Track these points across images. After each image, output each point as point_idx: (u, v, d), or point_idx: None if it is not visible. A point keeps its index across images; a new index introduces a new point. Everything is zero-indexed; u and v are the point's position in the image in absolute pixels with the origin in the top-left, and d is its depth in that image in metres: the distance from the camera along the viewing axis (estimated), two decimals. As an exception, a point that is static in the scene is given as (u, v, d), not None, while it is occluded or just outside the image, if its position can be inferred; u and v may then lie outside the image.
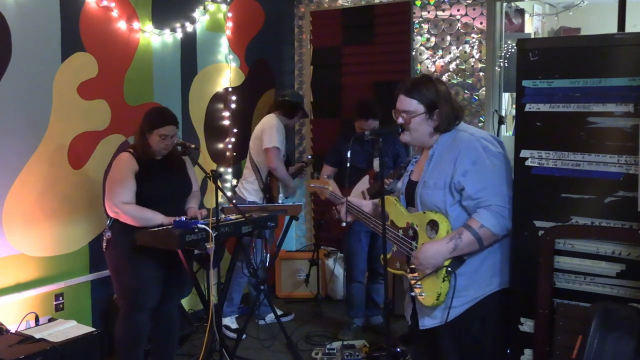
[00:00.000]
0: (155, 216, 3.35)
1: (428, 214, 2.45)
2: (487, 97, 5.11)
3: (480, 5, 5.07)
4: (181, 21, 4.66)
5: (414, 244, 2.49)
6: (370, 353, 4.06)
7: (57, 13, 3.79)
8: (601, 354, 2.17)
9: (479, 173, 2.39)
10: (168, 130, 3.38)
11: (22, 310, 3.54)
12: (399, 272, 2.58)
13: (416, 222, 2.49)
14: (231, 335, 4.44)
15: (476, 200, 2.38)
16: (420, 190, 2.49)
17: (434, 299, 2.40)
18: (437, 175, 2.45)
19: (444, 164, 2.45)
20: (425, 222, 2.46)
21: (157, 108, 3.61)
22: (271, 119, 4.63)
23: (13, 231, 3.59)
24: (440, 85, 2.52)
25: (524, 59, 2.50)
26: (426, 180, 2.47)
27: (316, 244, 5.38)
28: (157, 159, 3.47)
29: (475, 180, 2.38)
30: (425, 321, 2.50)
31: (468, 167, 2.39)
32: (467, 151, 2.42)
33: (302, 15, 5.92)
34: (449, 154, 2.46)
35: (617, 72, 2.34)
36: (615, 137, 2.35)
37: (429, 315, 2.48)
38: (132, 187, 3.35)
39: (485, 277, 2.46)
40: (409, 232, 2.51)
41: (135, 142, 3.49)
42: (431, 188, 2.45)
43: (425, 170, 2.50)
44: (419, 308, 2.51)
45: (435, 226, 2.42)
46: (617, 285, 2.36)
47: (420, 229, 2.47)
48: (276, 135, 4.49)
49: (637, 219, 2.30)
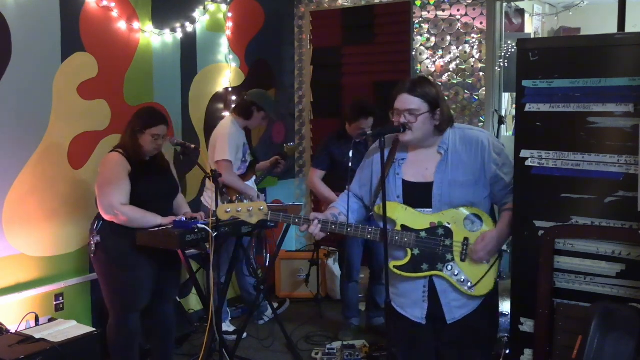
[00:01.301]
0: (155, 218, 3.34)
1: (463, 210, 2.52)
2: (487, 97, 5.11)
3: (480, 5, 5.07)
4: (181, 21, 4.66)
5: (447, 241, 2.51)
6: (370, 353, 4.06)
7: (57, 13, 3.79)
8: (601, 354, 2.17)
9: (507, 164, 2.56)
10: (160, 130, 3.36)
11: (22, 310, 3.54)
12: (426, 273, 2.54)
13: (447, 220, 2.51)
14: (230, 337, 4.43)
15: (510, 188, 2.54)
16: (446, 190, 2.50)
17: (490, 287, 2.56)
18: (464, 172, 2.51)
19: (465, 160, 2.52)
20: (462, 218, 2.52)
21: (148, 107, 3.58)
22: (224, 127, 4.36)
23: (13, 231, 3.59)
24: (437, 86, 2.61)
25: (524, 59, 2.50)
26: (453, 179, 2.50)
27: (316, 244, 5.37)
28: (145, 159, 3.44)
29: (507, 170, 2.55)
30: (455, 313, 2.55)
31: (498, 159, 2.54)
32: (491, 145, 2.54)
33: (302, 15, 5.92)
34: (465, 150, 2.53)
35: (617, 72, 2.34)
36: (615, 137, 2.35)
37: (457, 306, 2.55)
38: (126, 188, 3.31)
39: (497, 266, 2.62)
40: (437, 231, 2.51)
41: (123, 142, 3.41)
42: (462, 185, 2.50)
43: (444, 170, 2.52)
44: (448, 302, 2.54)
45: (477, 219, 2.52)
46: (617, 285, 2.36)
47: (455, 226, 2.51)
48: (227, 147, 4.21)
49: (637, 219, 2.30)
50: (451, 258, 2.51)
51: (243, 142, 4.42)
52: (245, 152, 4.44)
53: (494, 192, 2.56)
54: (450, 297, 2.54)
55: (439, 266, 2.52)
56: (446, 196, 2.50)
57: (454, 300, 2.54)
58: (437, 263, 2.52)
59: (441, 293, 2.53)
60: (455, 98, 5.21)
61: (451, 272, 2.52)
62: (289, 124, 5.98)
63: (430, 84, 2.54)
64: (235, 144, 4.29)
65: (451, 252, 2.51)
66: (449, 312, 2.54)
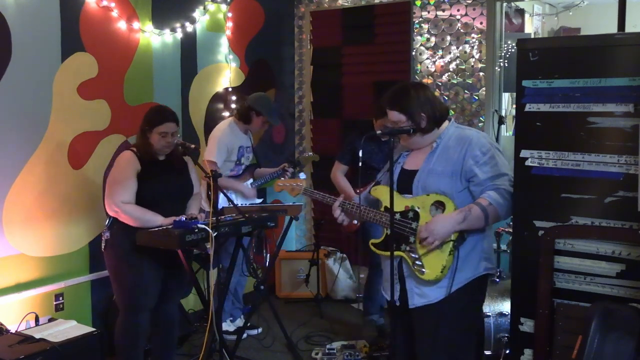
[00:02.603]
0: (155, 217, 3.34)
1: (432, 196, 2.58)
2: (487, 97, 5.11)
3: (480, 5, 5.07)
4: (181, 21, 4.66)
5: (414, 224, 2.60)
6: (370, 353, 4.06)
7: (57, 13, 3.79)
8: (601, 354, 2.17)
9: (489, 163, 2.54)
10: (167, 127, 3.38)
11: (22, 310, 3.54)
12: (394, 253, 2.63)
13: (417, 204, 2.61)
14: (230, 337, 4.43)
15: (485, 185, 2.53)
16: (424, 177, 2.62)
17: (437, 272, 2.53)
18: (445, 164, 2.59)
19: (451, 154, 2.59)
20: (430, 203, 2.58)
21: (156, 107, 3.61)
22: (218, 129, 4.42)
23: (13, 231, 3.59)
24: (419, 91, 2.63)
25: (524, 59, 2.51)
26: (432, 168, 2.61)
27: (316, 244, 5.37)
28: (159, 159, 3.47)
29: (486, 169, 2.54)
30: (415, 300, 2.62)
31: (479, 157, 2.54)
32: (477, 144, 2.57)
33: (302, 15, 5.92)
34: (455, 146, 2.60)
35: (617, 72, 2.34)
36: (615, 137, 2.36)
37: (419, 294, 2.61)
38: (132, 187, 3.34)
39: (475, 261, 2.61)
40: (408, 214, 2.62)
41: (137, 141, 3.48)
42: (439, 175, 2.59)
43: (429, 160, 2.63)
44: (411, 287, 2.63)
45: (440, 206, 2.56)
46: (617, 285, 2.37)
47: (422, 210, 2.59)
48: (215, 148, 4.26)
49: (637, 219, 2.31)
50: (413, 240, 2.61)
51: (239, 144, 4.42)
52: (241, 155, 4.45)
53: (471, 189, 2.58)
54: (412, 283, 2.63)
55: (402, 246, 2.63)
56: (423, 182, 2.62)
57: (415, 286, 2.62)
58: (402, 244, 2.63)
59: (406, 277, 2.64)
60: (455, 98, 5.20)
61: (409, 254, 2.61)
62: (289, 124, 5.98)
63: (404, 93, 2.62)
64: (226, 146, 4.32)
65: (414, 235, 2.60)
66: (410, 297, 2.63)
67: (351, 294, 5.42)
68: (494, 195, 2.50)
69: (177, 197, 3.55)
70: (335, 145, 5.47)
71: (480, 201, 2.51)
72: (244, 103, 4.46)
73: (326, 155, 5.23)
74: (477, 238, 2.60)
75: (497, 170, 2.53)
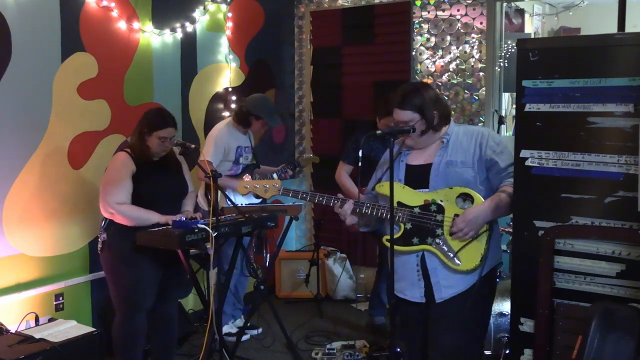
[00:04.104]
0: (150, 215, 3.35)
1: (456, 189, 2.61)
2: (487, 97, 5.11)
3: (480, 5, 5.07)
4: (181, 21, 4.66)
5: (439, 216, 2.61)
6: (370, 353, 4.06)
7: (57, 13, 3.79)
8: (601, 354, 2.17)
9: (505, 152, 2.65)
10: (167, 132, 3.38)
11: (22, 310, 3.53)
12: (416, 247, 2.64)
13: (440, 197, 2.62)
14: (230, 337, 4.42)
15: (506, 172, 2.62)
16: (443, 169, 2.65)
17: (476, 261, 2.58)
18: (463, 155, 2.65)
19: (465, 147, 2.66)
20: (455, 196, 2.61)
21: (157, 109, 3.60)
22: (216, 128, 4.41)
23: (13, 231, 3.59)
24: (428, 91, 2.69)
25: (524, 59, 2.50)
26: (451, 160, 2.65)
27: (316, 244, 5.38)
28: (153, 160, 3.46)
29: (504, 157, 2.64)
30: (443, 292, 2.62)
31: (495, 146, 2.64)
32: (491, 135, 2.70)
33: (302, 15, 5.92)
34: (467, 139, 2.68)
35: (617, 72, 2.34)
36: (615, 137, 2.35)
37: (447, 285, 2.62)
38: (127, 188, 3.34)
39: (497, 249, 2.72)
40: (430, 207, 2.63)
41: (132, 142, 3.46)
42: (459, 166, 2.64)
43: (442, 154, 2.68)
44: (437, 281, 2.63)
45: (468, 197, 2.60)
46: (617, 285, 2.37)
47: (448, 203, 2.61)
48: (211, 148, 4.25)
49: (637, 219, 2.30)
50: (441, 232, 2.62)
51: (238, 144, 4.42)
52: (239, 155, 4.44)
53: (490, 177, 2.65)
54: (439, 275, 2.63)
55: (428, 240, 2.63)
56: (442, 175, 2.64)
57: (443, 279, 2.62)
58: (427, 237, 2.63)
59: (431, 271, 2.63)
60: (455, 98, 5.20)
61: (439, 246, 2.61)
62: (289, 124, 5.97)
63: (417, 93, 2.66)
64: (223, 146, 4.31)
65: (441, 227, 2.62)
66: (438, 291, 2.63)
67: (351, 294, 5.43)
68: (512, 183, 2.60)
69: (172, 196, 3.55)
70: (335, 146, 5.47)
71: (506, 188, 2.60)
72: (242, 107, 4.41)
73: (326, 155, 5.24)
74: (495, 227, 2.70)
75: (511, 159, 2.62)
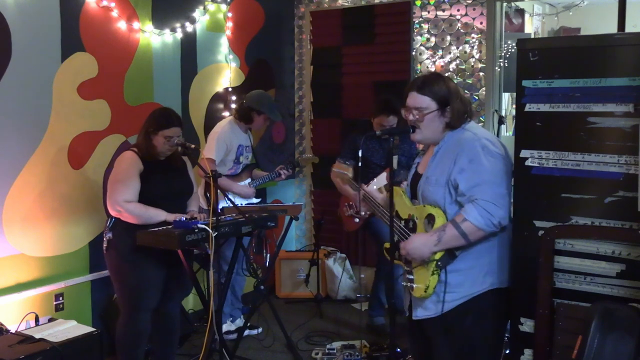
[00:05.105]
0: (158, 213, 3.35)
1: (427, 208, 2.50)
2: (487, 97, 5.11)
3: (480, 5, 5.07)
4: (181, 21, 4.66)
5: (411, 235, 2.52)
6: (370, 353, 4.06)
7: (57, 13, 3.79)
8: (601, 354, 2.17)
9: (473, 171, 2.40)
10: (173, 131, 3.39)
11: (22, 310, 3.53)
12: (396, 262, 2.62)
13: (417, 214, 2.54)
14: (231, 337, 4.42)
15: (467, 196, 2.40)
16: (422, 185, 2.55)
17: (422, 291, 2.47)
18: (440, 172, 2.49)
19: (446, 161, 2.49)
20: (424, 215, 2.50)
21: (163, 109, 3.60)
22: (218, 126, 4.44)
23: (13, 231, 3.59)
24: (450, 82, 2.57)
25: (524, 59, 2.50)
26: (429, 176, 2.53)
27: (316, 244, 5.38)
28: (160, 159, 3.47)
29: (468, 177, 2.40)
30: (418, 312, 2.56)
31: (465, 165, 2.42)
32: (467, 150, 2.44)
33: (302, 15, 5.92)
34: (452, 152, 2.48)
35: (617, 72, 2.34)
36: (615, 137, 2.35)
37: (421, 306, 2.53)
38: (135, 186, 3.35)
39: (479, 275, 2.48)
40: (409, 223, 2.57)
41: (138, 141, 3.47)
42: (433, 184, 2.50)
43: (429, 166, 2.55)
44: (413, 299, 2.58)
45: (432, 220, 2.46)
46: (617, 285, 2.37)
47: (419, 222, 2.52)
48: (214, 146, 4.27)
49: (637, 219, 2.30)
50: None
51: (239, 143, 4.42)
52: (240, 154, 4.45)
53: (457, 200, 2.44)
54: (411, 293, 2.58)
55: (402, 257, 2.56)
56: (422, 191, 2.56)
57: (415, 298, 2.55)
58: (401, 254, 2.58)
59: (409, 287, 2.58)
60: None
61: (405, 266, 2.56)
62: (289, 124, 5.98)
63: (441, 80, 2.53)
64: (225, 145, 4.32)
65: None
66: (414, 308, 2.59)
67: (351, 294, 5.43)
68: (469, 209, 2.36)
69: (178, 196, 3.56)
70: (335, 146, 5.47)
71: (456, 218, 2.39)
72: (243, 103, 4.45)
73: (326, 155, 5.24)
74: (481, 251, 2.46)
75: (477, 179, 2.38)
